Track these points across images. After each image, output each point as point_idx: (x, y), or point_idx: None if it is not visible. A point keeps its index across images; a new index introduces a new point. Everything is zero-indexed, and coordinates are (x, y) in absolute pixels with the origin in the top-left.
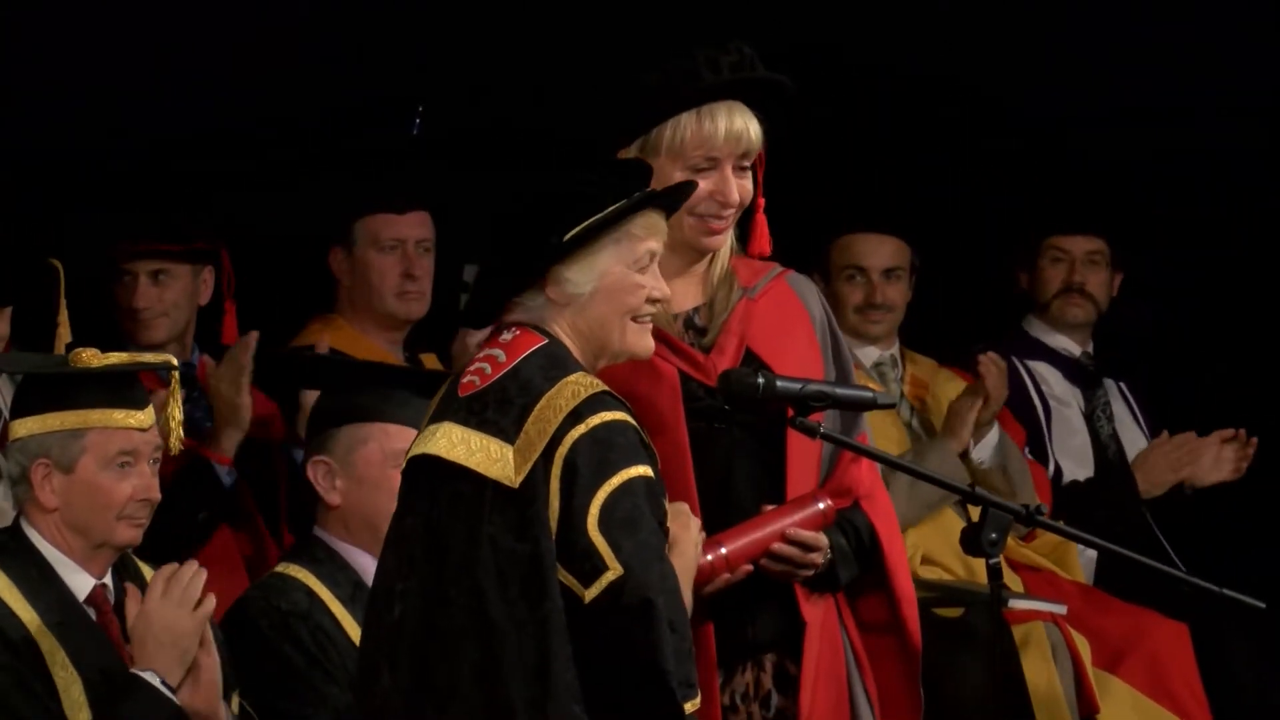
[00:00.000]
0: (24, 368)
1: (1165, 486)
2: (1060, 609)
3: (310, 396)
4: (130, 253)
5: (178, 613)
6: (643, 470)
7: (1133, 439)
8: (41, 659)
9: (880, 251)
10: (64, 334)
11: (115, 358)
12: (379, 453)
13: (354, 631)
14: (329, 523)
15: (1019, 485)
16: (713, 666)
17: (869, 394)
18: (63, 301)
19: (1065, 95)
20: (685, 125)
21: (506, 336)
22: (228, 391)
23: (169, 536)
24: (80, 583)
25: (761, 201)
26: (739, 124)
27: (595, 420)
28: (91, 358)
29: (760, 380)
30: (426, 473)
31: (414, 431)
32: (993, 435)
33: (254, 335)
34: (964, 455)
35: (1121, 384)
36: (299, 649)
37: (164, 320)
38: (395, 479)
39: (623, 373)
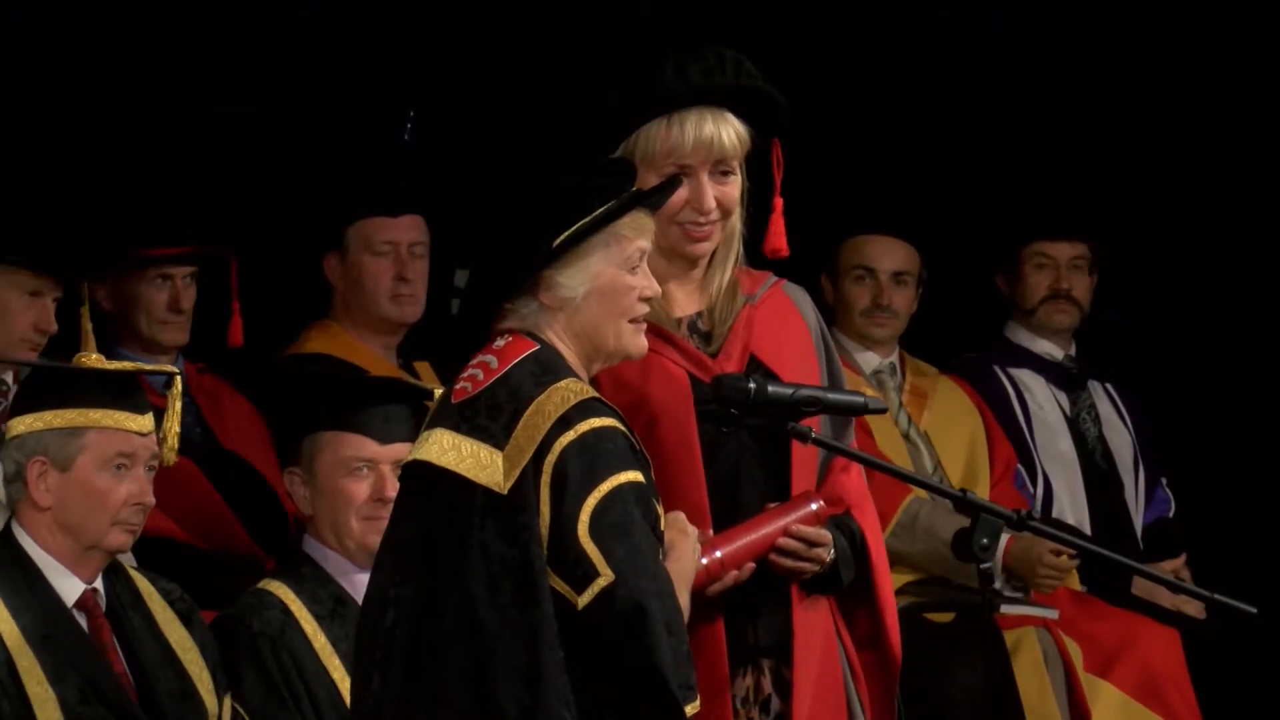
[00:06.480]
0: (28, 365)
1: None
2: (1052, 614)
3: None
4: (169, 257)
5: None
6: (632, 476)
7: (1120, 440)
8: (17, 676)
9: (891, 255)
10: (88, 335)
11: (119, 366)
12: (332, 460)
13: (325, 652)
14: (311, 533)
15: None
16: (724, 668)
17: (860, 399)
18: (86, 311)
19: (1066, 95)
20: (655, 134)
21: (499, 343)
22: None
23: None
24: (69, 587)
25: (779, 201)
26: (708, 130)
27: (584, 427)
28: (96, 362)
29: (751, 385)
30: (420, 479)
31: (367, 440)
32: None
33: None
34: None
35: (1107, 384)
36: (260, 675)
37: (188, 323)
38: (347, 487)
39: (635, 375)
